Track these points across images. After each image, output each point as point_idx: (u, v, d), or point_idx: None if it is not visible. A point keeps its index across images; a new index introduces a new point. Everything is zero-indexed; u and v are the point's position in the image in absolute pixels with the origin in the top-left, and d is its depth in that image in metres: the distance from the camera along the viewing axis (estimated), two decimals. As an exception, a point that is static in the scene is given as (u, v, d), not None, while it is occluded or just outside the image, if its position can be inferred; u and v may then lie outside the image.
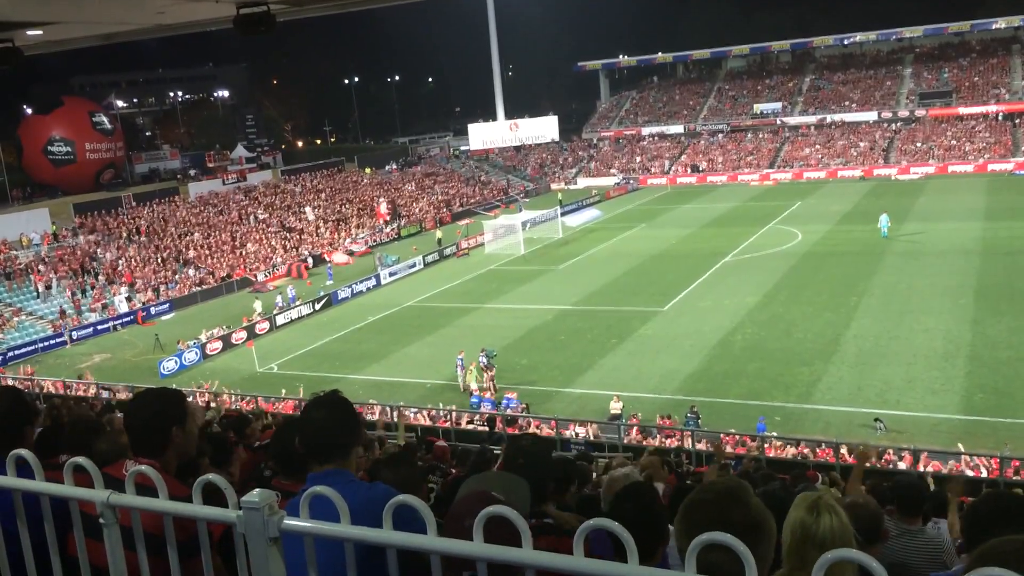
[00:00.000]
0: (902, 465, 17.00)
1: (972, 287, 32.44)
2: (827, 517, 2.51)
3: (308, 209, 58.87)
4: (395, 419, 19.06)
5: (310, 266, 49.46)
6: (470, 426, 21.10)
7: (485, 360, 26.90)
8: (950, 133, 71.46)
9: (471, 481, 3.24)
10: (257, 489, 2.15)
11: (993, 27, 79.39)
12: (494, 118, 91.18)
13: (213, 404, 20.95)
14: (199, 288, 44.51)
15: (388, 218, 59.72)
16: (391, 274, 44.98)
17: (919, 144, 71.25)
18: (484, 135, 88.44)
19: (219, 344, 34.14)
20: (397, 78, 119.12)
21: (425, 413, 22.97)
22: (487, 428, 18.54)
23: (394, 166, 77.54)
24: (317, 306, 39.38)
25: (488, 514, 1.92)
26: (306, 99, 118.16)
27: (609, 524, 1.80)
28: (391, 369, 29.66)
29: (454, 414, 22.24)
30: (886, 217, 44.50)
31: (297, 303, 39.25)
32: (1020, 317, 28.20)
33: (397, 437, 10.73)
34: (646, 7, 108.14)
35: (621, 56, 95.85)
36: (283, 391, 25.60)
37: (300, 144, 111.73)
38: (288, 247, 52.11)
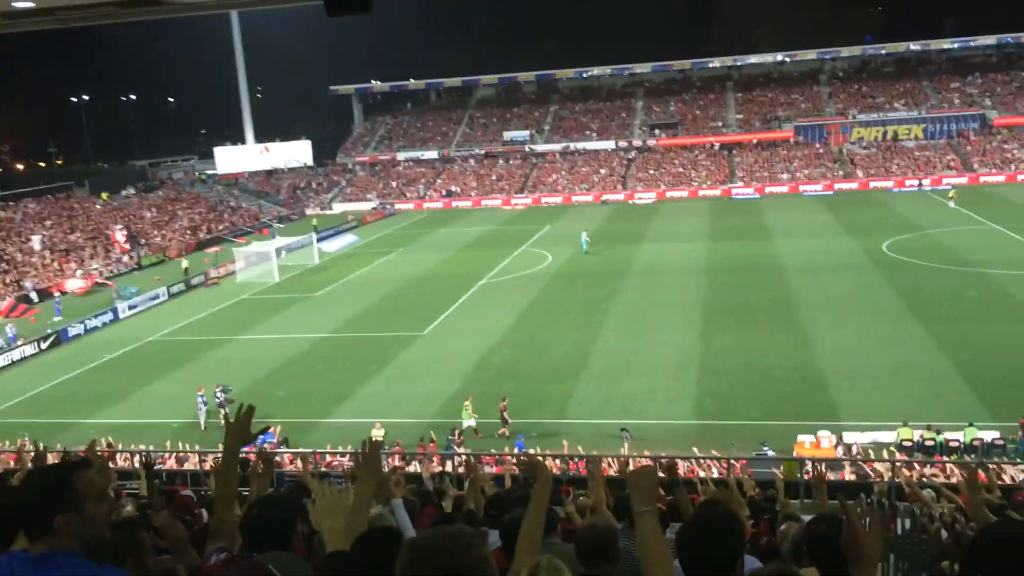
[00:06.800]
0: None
1: (700, 303, 35.61)
2: None
3: (35, 238, 53.26)
4: (137, 466, 17.55)
5: (35, 301, 44.72)
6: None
7: (222, 396, 25.63)
8: (677, 161, 78.39)
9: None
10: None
11: (710, 66, 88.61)
12: (243, 141, 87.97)
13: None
14: None
15: (127, 247, 55.43)
16: (131, 307, 41.68)
17: (651, 171, 77.49)
18: (233, 159, 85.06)
19: (-79, 394, 29.91)
20: (132, 97, 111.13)
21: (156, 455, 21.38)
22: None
23: (132, 191, 72.25)
24: (43, 345, 35.63)
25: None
26: (27, 118, 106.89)
27: None
28: (132, 410, 27.43)
29: (199, 457, 20.86)
30: (585, 234, 49.77)
31: (19, 343, 35.26)
32: (739, 329, 31.34)
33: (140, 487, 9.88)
34: (397, 35, 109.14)
35: (373, 81, 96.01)
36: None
37: (21, 167, 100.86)
38: (7, 281, 46.77)
